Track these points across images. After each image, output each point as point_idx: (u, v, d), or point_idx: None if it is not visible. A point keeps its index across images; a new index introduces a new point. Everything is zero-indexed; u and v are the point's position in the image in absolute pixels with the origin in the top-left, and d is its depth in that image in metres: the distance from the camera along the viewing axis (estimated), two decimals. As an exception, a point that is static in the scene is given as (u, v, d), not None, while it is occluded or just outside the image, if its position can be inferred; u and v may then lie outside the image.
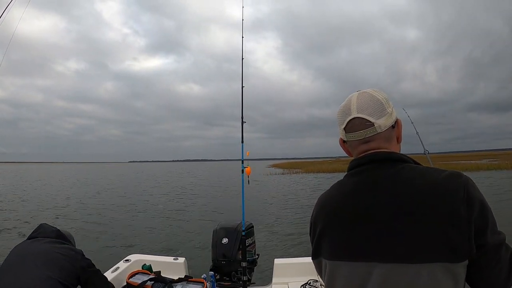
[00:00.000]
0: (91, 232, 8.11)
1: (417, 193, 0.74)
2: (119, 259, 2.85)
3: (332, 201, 0.89)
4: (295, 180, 24.39)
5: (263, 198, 13.97)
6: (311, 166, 43.32)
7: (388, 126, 0.85)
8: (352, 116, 0.86)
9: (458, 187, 0.72)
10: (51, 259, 1.70)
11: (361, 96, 0.87)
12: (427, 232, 0.70)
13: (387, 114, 0.85)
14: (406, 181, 0.77)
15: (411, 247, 0.71)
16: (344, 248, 0.81)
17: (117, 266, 2.65)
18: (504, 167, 27.66)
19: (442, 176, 0.75)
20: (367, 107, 0.84)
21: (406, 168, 0.80)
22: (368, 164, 0.84)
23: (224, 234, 2.82)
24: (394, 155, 0.84)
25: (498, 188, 13.77)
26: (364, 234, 0.77)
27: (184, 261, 2.82)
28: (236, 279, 2.72)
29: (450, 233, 0.69)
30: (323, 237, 0.87)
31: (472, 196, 0.72)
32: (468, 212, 0.70)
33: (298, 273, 2.60)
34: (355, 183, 0.85)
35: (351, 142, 0.89)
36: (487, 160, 40.18)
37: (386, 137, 0.86)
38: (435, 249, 0.69)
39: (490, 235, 0.71)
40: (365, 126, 0.84)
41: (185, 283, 2.45)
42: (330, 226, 0.86)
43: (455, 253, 0.69)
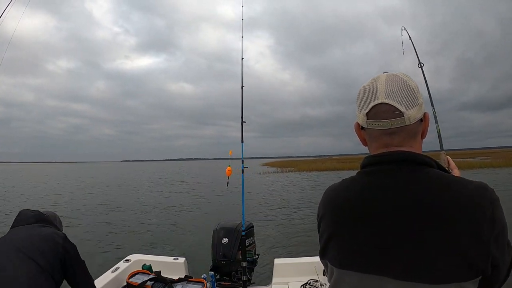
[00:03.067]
0: (91, 232, 8.11)
1: (442, 206, 0.65)
2: (119, 259, 2.85)
3: (342, 202, 0.77)
4: (289, 179, 24.38)
5: (262, 197, 13.97)
6: (304, 164, 43.34)
7: (418, 119, 0.73)
8: (378, 101, 0.73)
9: (484, 205, 0.65)
10: (29, 247, 1.56)
11: (391, 79, 0.74)
12: (448, 250, 0.63)
13: (418, 104, 0.73)
14: (432, 191, 0.67)
15: (430, 265, 0.63)
16: (354, 256, 0.72)
17: (117, 266, 2.65)
18: (497, 165, 27.86)
19: (469, 190, 0.67)
20: (398, 94, 0.72)
21: (431, 175, 0.70)
22: (388, 164, 0.73)
23: (224, 234, 2.83)
24: (419, 157, 0.73)
25: (495, 185, 13.78)
26: (378, 244, 0.68)
27: (184, 261, 2.82)
28: (236, 279, 2.72)
29: (470, 252, 0.63)
30: (331, 240, 0.78)
31: (497, 216, 0.66)
32: (491, 232, 0.64)
33: (298, 273, 2.60)
34: (371, 184, 0.74)
35: (372, 131, 0.76)
36: (479, 158, 40.36)
37: (413, 132, 0.74)
38: (453, 268, 0.63)
39: (504, 254, 0.68)
40: (393, 115, 0.72)
41: (185, 283, 2.45)
42: (339, 230, 0.76)
43: (472, 272, 0.63)
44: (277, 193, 16.11)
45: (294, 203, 12.26)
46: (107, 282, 2.34)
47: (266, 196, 14.43)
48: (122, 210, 11.76)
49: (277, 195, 14.98)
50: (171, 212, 11.24)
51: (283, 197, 14.33)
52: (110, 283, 2.36)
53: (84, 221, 9.76)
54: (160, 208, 12.14)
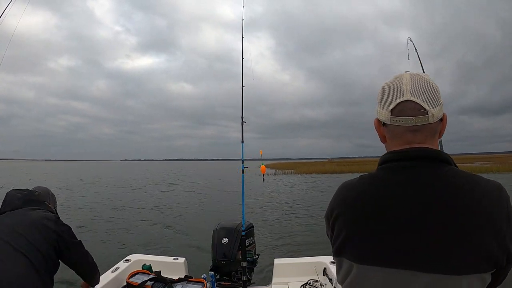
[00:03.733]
0: (90, 232, 8.11)
1: (463, 203, 0.68)
2: (119, 259, 2.85)
3: (363, 198, 0.77)
4: (289, 181, 24.37)
5: (262, 198, 13.97)
6: (303, 167, 43.27)
7: (439, 118, 0.76)
8: (404, 98, 0.74)
9: (502, 203, 0.69)
10: (16, 239, 1.40)
11: (416, 78, 0.76)
12: (471, 246, 0.66)
13: (440, 104, 0.75)
14: (454, 189, 0.70)
15: (455, 258, 0.66)
16: (378, 252, 0.72)
17: (117, 266, 2.65)
18: (496, 170, 27.80)
19: (487, 189, 0.70)
20: (423, 92, 0.74)
21: (452, 172, 0.72)
22: (412, 160, 0.74)
23: (224, 234, 2.83)
24: (443, 155, 0.74)
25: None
26: (402, 240, 0.70)
27: (184, 261, 2.82)
28: (236, 279, 2.72)
29: (491, 246, 0.67)
30: (350, 238, 0.76)
31: (511, 212, 0.70)
32: (508, 228, 0.68)
33: (298, 273, 2.60)
34: (394, 180, 0.74)
35: (395, 127, 0.76)
36: (479, 163, 40.40)
37: (434, 130, 0.76)
38: (476, 261, 0.66)
39: None
40: (418, 113, 0.73)
41: (185, 283, 2.45)
42: (359, 226, 0.75)
43: (490, 264, 0.67)
44: (277, 194, 16.11)
45: (294, 204, 12.27)
46: (107, 282, 2.34)
47: (266, 197, 14.43)
48: (122, 210, 11.75)
49: (277, 196, 14.98)
50: (171, 212, 11.23)
51: (283, 198, 14.35)
52: (110, 283, 2.36)
53: (84, 220, 9.76)
54: (160, 208, 12.13)
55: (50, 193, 1.86)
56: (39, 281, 1.38)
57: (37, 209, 1.59)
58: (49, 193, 1.85)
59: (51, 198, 1.82)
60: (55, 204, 1.85)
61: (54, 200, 1.85)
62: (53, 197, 1.86)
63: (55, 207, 1.82)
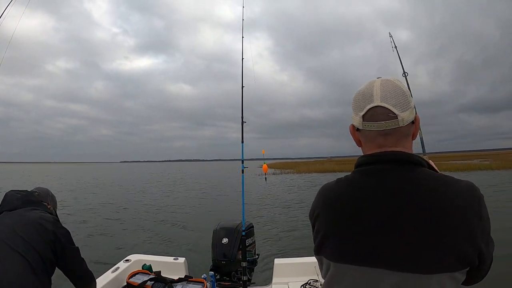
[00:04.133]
0: (90, 232, 8.11)
1: (434, 204, 0.71)
2: (119, 259, 2.85)
3: (339, 200, 0.81)
4: (289, 180, 24.34)
5: (262, 198, 13.97)
6: (303, 166, 43.27)
7: (410, 121, 0.79)
8: (374, 104, 0.78)
9: (473, 203, 0.72)
10: (14, 239, 1.39)
11: (386, 83, 0.80)
12: (441, 244, 0.69)
13: (410, 108, 0.79)
14: (426, 189, 0.73)
15: (425, 257, 0.69)
16: (351, 251, 0.76)
17: (117, 266, 2.65)
18: (496, 167, 27.92)
19: (459, 189, 0.73)
20: (392, 97, 0.78)
21: (423, 174, 0.76)
22: (383, 163, 0.78)
23: (224, 234, 2.83)
24: (414, 157, 0.78)
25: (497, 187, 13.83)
26: (374, 239, 0.73)
27: (184, 261, 2.82)
28: (236, 279, 2.72)
29: (462, 246, 0.69)
30: (328, 236, 0.81)
31: (483, 212, 0.72)
32: (478, 227, 0.71)
33: (298, 273, 2.60)
34: (367, 183, 0.78)
35: (367, 132, 0.81)
36: (478, 160, 40.50)
37: (405, 133, 0.80)
38: (446, 260, 0.69)
39: (488, 247, 0.74)
40: (388, 117, 0.77)
41: (185, 283, 2.45)
42: (336, 226, 0.80)
43: (462, 263, 0.70)
44: (277, 193, 16.10)
45: (294, 204, 12.26)
46: (107, 282, 2.34)
47: (266, 197, 14.43)
48: (122, 210, 11.75)
49: (277, 196, 14.98)
50: (171, 212, 11.23)
51: (283, 197, 14.34)
52: (110, 283, 2.36)
53: (84, 221, 9.76)
54: (160, 208, 12.14)
55: (50, 194, 1.84)
56: (37, 281, 1.38)
57: (35, 209, 1.58)
58: (49, 194, 1.83)
59: (50, 199, 1.80)
60: (55, 205, 1.83)
61: (54, 201, 1.83)
62: (53, 198, 1.84)
63: (54, 208, 1.81)
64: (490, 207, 0.74)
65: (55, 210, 1.81)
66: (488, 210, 0.75)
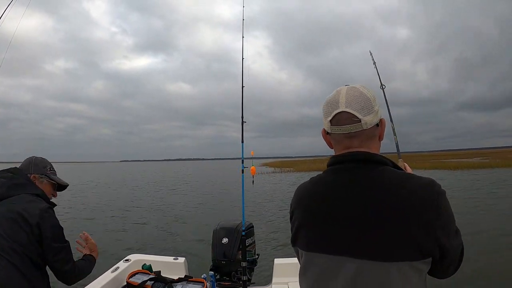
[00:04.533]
0: (90, 232, 8.11)
1: (393, 199, 0.79)
2: (119, 259, 2.85)
3: (311, 196, 0.92)
4: (289, 179, 24.34)
5: (262, 197, 13.97)
6: (302, 164, 43.35)
7: (373, 124, 0.88)
8: (339, 109, 0.87)
9: (431, 197, 0.79)
10: None
11: (351, 91, 0.89)
12: (399, 235, 0.76)
13: (374, 112, 0.87)
14: (384, 185, 0.81)
15: (382, 247, 0.77)
16: (319, 241, 0.86)
17: (117, 266, 2.65)
18: (496, 165, 27.98)
19: (418, 185, 0.80)
20: (356, 103, 0.86)
21: (386, 172, 0.84)
22: (349, 163, 0.87)
23: (224, 234, 2.83)
24: (375, 157, 0.86)
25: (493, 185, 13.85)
26: (339, 230, 0.83)
27: (184, 261, 2.82)
28: (236, 279, 2.72)
29: (419, 237, 0.76)
30: (301, 229, 0.92)
31: (441, 206, 0.79)
32: (436, 220, 0.78)
33: (298, 273, 2.60)
34: (334, 181, 0.88)
35: (335, 135, 0.91)
36: (478, 159, 40.55)
37: (370, 135, 0.89)
38: (404, 250, 0.76)
39: (450, 240, 0.80)
40: (351, 121, 0.86)
41: (185, 283, 2.45)
42: (307, 219, 0.90)
43: (421, 253, 0.76)
44: (276, 193, 16.11)
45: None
46: (107, 282, 2.34)
47: (266, 196, 14.44)
48: (122, 210, 11.76)
49: (277, 195, 14.98)
50: (171, 212, 11.24)
51: (283, 197, 14.33)
52: (110, 283, 2.36)
53: (84, 221, 9.76)
54: (160, 208, 12.15)
55: (32, 161, 1.60)
56: (25, 283, 1.30)
57: (22, 194, 1.43)
58: (31, 162, 1.60)
59: (33, 168, 1.58)
60: (44, 170, 1.60)
61: (40, 167, 1.60)
62: (36, 165, 1.60)
63: (45, 174, 1.60)
64: (490, 205, 0.75)
65: (46, 175, 1.60)
66: (488, 209, 0.76)
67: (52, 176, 1.65)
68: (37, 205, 1.42)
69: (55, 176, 1.67)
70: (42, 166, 1.61)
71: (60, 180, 1.69)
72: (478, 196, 11.69)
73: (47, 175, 1.62)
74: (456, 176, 20.64)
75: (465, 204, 9.77)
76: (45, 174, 1.61)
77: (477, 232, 6.65)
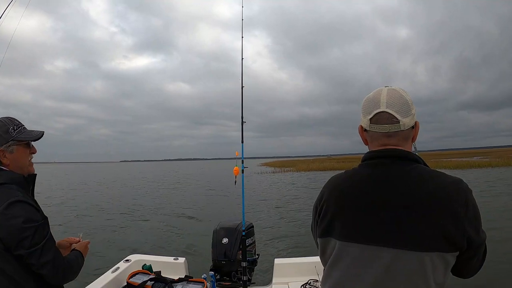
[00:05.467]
0: (90, 232, 8.11)
1: (426, 193, 0.84)
2: (119, 259, 2.85)
3: (347, 188, 0.95)
4: (288, 179, 24.36)
5: (262, 197, 13.97)
6: (302, 164, 43.29)
7: (410, 126, 0.93)
8: (381, 109, 0.92)
9: (460, 192, 0.85)
10: None
11: (391, 92, 0.94)
12: (431, 227, 0.82)
13: (411, 115, 0.93)
14: (418, 181, 0.87)
15: (417, 237, 0.82)
16: (355, 231, 0.89)
17: (117, 266, 2.65)
18: (496, 164, 28.00)
19: (448, 181, 0.86)
20: (396, 104, 0.91)
21: (419, 168, 0.90)
22: (386, 158, 0.92)
23: (224, 234, 2.83)
24: (411, 155, 0.92)
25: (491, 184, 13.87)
26: (375, 221, 0.87)
27: (184, 261, 2.83)
28: (236, 279, 2.72)
29: (449, 229, 0.81)
30: (336, 218, 0.94)
31: (469, 202, 0.84)
32: (465, 214, 0.83)
33: (298, 273, 2.61)
34: (371, 174, 0.93)
35: (374, 133, 0.95)
36: (478, 158, 40.60)
37: (406, 136, 0.94)
38: (435, 241, 0.81)
39: (478, 234, 0.86)
40: (391, 122, 0.91)
41: (185, 283, 2.45)
42: (343, 210, 0.93)
43: (450, 245, 0.82)
44: (276, 193, 16.11)
45: (294, 203, 12.27)
46: (107, 282, 2.34)
47: (266, 196, 14.43)
48: (122, 210, 11.75)
49: (277, 195, 14.98)
50: (171, 212, 11.24)
51: (283, 197, 14.34)
52: (110, 283, 2.37)
53: (84, 221, 9.76)
54: (160, 208, 12.14)
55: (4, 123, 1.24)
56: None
57: None
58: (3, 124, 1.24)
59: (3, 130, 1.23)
60: (8, 134, 1.24)
61: (2, 134, 1.23)
62: (9, 125, 1.25)
63: (11, 138, 1.24)
64: (488, 203, 0.77)
65: (12, 139, 1.25)
66: (487, 207, 0.78)
67: (21, 136, 1.27)
68: None
69: (24, 133, 1.29)
70: (4, 131, 1.24)
71: (32, 133, 1.32)
72: (477, 195, 11.67)
73: (13, 139, 1.25)
74: (456, 175, 20.65)
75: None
76: (12, 139, 1.24)
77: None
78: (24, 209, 1.15)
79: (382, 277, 0.84)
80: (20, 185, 1.23)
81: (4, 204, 1.12)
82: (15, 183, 1.21)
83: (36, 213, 1.18)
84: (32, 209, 1.18)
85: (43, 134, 1.33)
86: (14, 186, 1.19)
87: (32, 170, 1.35)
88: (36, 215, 1.18)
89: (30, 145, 1.33)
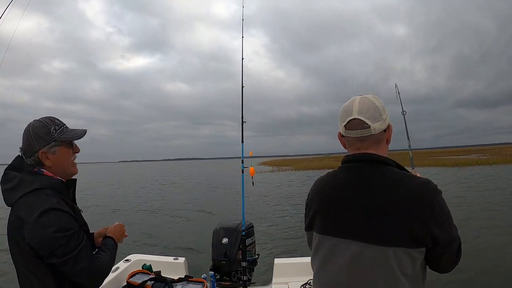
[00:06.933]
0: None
1: (394, 195, 0.94)
2: (119, 259, 2.85)
3: (327, 189, 1.09)
4: (287, 178, 24.40)
5: (262, 197, 13.97)
6: (301, 163, 43.45)
7: (381, 130, 1.03)
8: (353, 116, 1.03)
9: (426, 194, 0.93)
10: (12, 253, 1.15)
11: (363, 100, 1.05)
12: (396, 224, 0.91)
13: (382, 119, 1.03)
14: (386, 182, 0.97)
15: (382, 233, 0.92)
16: (331, 226, 1.03)
17: (117, 266, 2.65)
18: (494, 162, 28.01)
19: (415, 183, 0.95)
20: (367, 111, 1.02)
21: (388, 171, 1.00)
22: (358, 162, 1.04)
23: (224, 234, 2.83)
24: (381, 158, 1.02)
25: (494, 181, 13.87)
26: (349, 218, 0.99)
27: (184, 261, 2.83)
28: (236, 279, 2.72)
29: (414, 227, 0.91)
30: (317, 216, 1.09)
31: (435, 202, 0.93)
32: (430, 213, 0.91)
33: (298, 273, 2.61)
34: (346, 177, 1.05)
35: (348, 138, 1.07)
36: (476, 155, 40.62)
37: (378, 139, 1.04)
38: (399, 237, 0.91)
39: (443, 232, 0.93)
40: (362, 127, 1.02)
41: (185, 283, 2.45)
42: (323, 208, 1.08)
43: (415, 242, 0.91)
44: (276, 192, 16.10)
45: (293, 203, 12.25)
46: (107, 282, 2.34)
47: (266, 196, 14.43)
48: (122, 210, 11.76)
49: (276, 195, 14.97)
50: (171, 212, 11.24)
51: (282, 196, 14.33)
52: (110, 283, 2.37)
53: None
54: (160, 208, 12.14)
55: (30, 135, 1.19)
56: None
57: (19, 200, 1.12)
58: (30, 137, 1.19)
59: (37, 142, 1.19)
60: (50, 136, 1.20)
61: (43, 135, 1.19)
62: (38, 136, 1.19)
63: (53, 139, 1.21)
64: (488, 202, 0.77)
65: (55, 140, 1.21)
66: (487, 207, 0.79)
67: (63, 136, 1.24)
68: (29, 214, 1.08)
69: (66, 133, 1.25)
70: (46, 132, 1.20)
71: (74, 132, 1.28)
72: (476, 192, 11.72)
73: (55, 140, 1.21)
74: (455, 173, 20.70)
75: (464, 201, 9.84)
76: (54, 140, 1.21)
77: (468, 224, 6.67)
78: (58, 217, 1.10)
79: (350, 265, 0.96)
80: (58, 190, 1.18)
81: (37, 213, 1.07)
82: (52, 188, 1.16)
83: (70, 221, 1.13)
84: (66, 216, 1.12)
85: (85, 132, 1.30)
86: (50, 191, 1.14)
87: (75, 170, 1.32)
88: (70, 223, 1.13)
89: (73, 145, 1.30)
